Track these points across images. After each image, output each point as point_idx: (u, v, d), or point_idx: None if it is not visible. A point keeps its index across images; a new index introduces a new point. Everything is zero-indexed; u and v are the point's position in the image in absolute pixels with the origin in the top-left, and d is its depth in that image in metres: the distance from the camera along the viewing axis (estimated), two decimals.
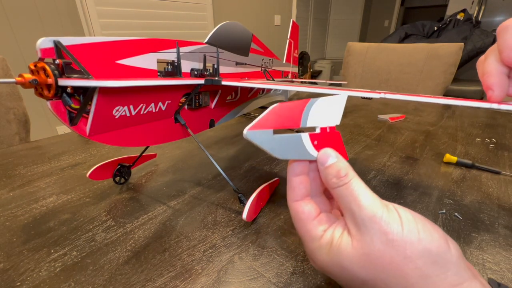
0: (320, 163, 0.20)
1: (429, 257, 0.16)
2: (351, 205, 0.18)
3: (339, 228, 0.19)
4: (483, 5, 2.72)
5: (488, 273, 0.26)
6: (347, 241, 0.18)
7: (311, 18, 3.87)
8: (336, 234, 0.19)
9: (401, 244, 0.16)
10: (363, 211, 0.17)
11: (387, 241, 0.16)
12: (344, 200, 0.18)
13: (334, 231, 0.19)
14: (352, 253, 0.17)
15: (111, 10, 1.77)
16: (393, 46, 1.24)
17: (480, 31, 2.09)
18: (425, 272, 0.16)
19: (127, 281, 0.26)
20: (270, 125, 0.19)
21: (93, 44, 0.26)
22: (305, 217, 0.20)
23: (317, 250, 0.19)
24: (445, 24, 2.28)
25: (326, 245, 0.19)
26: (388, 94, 0.25)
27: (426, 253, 0.16)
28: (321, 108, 0.21)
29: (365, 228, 0.17)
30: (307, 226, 0.20)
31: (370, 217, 0.17)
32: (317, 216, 0.20)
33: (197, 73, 0.36)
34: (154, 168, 0.48)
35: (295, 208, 0.21)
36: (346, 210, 0.18)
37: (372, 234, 0.17)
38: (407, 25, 2.40)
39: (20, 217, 0.36)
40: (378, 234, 0.17)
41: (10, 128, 0.74)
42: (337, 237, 0.19)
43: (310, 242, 0.20)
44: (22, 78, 0.24)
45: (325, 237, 0.19)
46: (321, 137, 0.21)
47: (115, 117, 0.29)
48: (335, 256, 0.18)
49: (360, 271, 0.17)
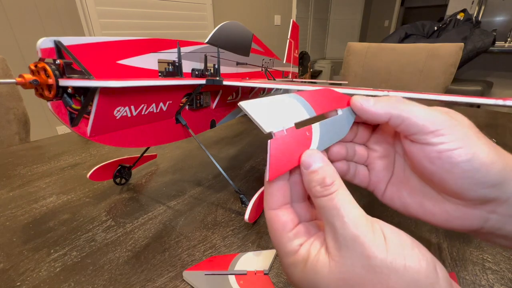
0: (303, 166, 0.18)
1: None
2: (334, 220, 0.16)
3: (316, 243, 0.17)
4: (483, 5, 2.72)
5: (488, 273, 0.26)
6: (324, 261, 0.16)
7: (311, 18, 3.87)
8: (312, 250, 0.17)
9: (384, 271, 0.14)
10: (346, 229, 0.15)
11: (369, 266, 0.15)
12: (326, 213, 0.16)
13: (311, 246, 0.17)
14: (329, 276, 0.16)
15: (111, 10, 1.77)
16: (393, 46, 1.24)
17: (480, 31, 2.09)
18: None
19: (127, 281, 0.26)
20: None
21: (94, 44, 0.26)
22: (281, 228, 0.18)
23: (291, 266, 0.17)
24: (445, 24, 2.28)
25: (301, 261, 0.17)
26: (392, 92, 0.25)
27: (412, 285, 0.14)
28: None
29: (346, 249, 0.15)
30: (281, 239, 0.18)
31: (353, 237, 0.15)
32: (294, 228, 0.18)
33: (198, 73, 0.36)
34: (154, 168, 0.48)
35: (270, 217, 0.18)
36: (328, 223, 0.16)
37: (353, 257, 0.15)
38: (407, 25, 2.40)
39: (20, 217, 0.36)
40: (359, 258, 0.15)
41: (10, 128, 0.74)
42: (314, 254, 0.17)
43: (284, 257, 0.18)
44: (22, 78, 0.24)
45: (300, 253, 0.17)
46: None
47: (116, 118, 0.29)
48: (310, 275, 0.16)
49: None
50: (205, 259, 0.28)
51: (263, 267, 0.26)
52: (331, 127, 0.20)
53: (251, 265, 0.27)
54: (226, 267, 0.26)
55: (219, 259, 0.27)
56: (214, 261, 0.27)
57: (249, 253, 0.28)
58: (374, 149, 0.23)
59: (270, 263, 0.27)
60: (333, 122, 0.21)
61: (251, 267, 0.26)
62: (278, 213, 0.18)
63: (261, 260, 0.27)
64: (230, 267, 0.26)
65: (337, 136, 0.21)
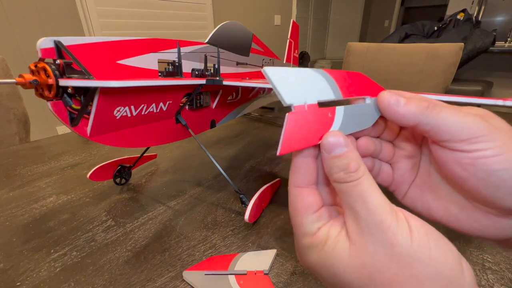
0: (325, 150, 0.16)
1: (439, 281, 0.14)
2: (357, 206, 0.16)
3: (336, 226, 0.17)
4: (483, 5, 2.72)
5: (488, 273, 0.26)
6: (344, 245, 0.16)
7: (311, 18, 3.87)
8: (332, 233, 0.17)
9: (408, 260, 0.14)
10: (370, 215, 0.15)
11: (392, 254, 0.14)
12: (348, 198, 0.16)
13: (330, 228, 0.17)
14: (348, 261, 0.15)
15: (111, 10, 1.77)
16: (393, 46, 1.25)
17: (480, 31, 2.09)
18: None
19: (127, 281, 0.26)
20: None
21: (94, 44, 0.26)
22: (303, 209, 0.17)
23: (307, 248, 0.17)
24: (445, 24, 2.28)
25: (318, 244, 0.16)
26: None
27: (436, 275, 0.14)
28: None
29: (369, 235, 0.15)
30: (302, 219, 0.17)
31: (377, 224, 0.15)
32: (317, 211, 0.18)
33: (198, 73, 0.36)
34: (154, 168, 0.48)
35: (294, 195, 0.18)
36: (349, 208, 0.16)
37: (376, 244, 0.15)
38: (407, 25, 2.40)
39: (20, 217, 0.36)
40: (382, 245, 0.14)
41: (10, 128, 0.74)
42: (333, 238, 0.16)
43: (301, 237, 0.17)
44: (22, 78, 0.24)
45: (319, 235, 0.17)
46: None
47: (116, 118, 0.29)
48: (327, 259, 0.16)
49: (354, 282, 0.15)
50: (205, 259, 0.28)
51: (263, 267, 0.26)
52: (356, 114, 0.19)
53: (251, 265, 0.27)
54: (226, 267, 0.26)
55: (219, 259, 0.28)
56: (214, 261, 0.27)
57: (249, 253, 0.28)
58: (402, 147, 0.22)
59: (270, 263, 0.27)
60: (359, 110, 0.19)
61: (251, 267, 0.26)
62: (302, 192, 0.17)
63: (261, 260, 0.27)
64: (230, 267, 0.26)
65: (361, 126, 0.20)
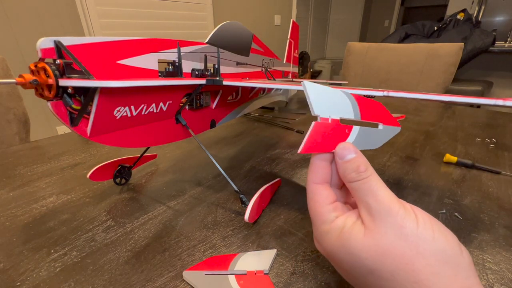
0: (338, 157, 0.20)
1: (442, 256, 0.16)
2: (368, 199, 0.18)
3: (352, 217, 0.20)
4: (483, 5, 2.72)
5: (488, 273, 0.26)
6: (360, 229, 0.18)
7: (311, 18, 3.87)
8: (348, 221, 0.19)
9: (415, 239, 0.16)
10: (380, 204, 0.18)
11: (401, 234, 0.17)
12: (360, 194, 0.19)
13: (347, 219, 0.20)
14: (363, 241, 0.18)
15: (111, 10, 1.77)
16: (393, 46, 1.24)
17: (480, 31, 2.09)
18: (437, 270, 0.16)
19: (127, 281, 0.26)
20: None
21: (94, 44, 0.26)
22: (322, 200, 0.20)
23: (326, 233, 0.20)
24: (445, 24, 2.28)
25: (336, 229, 0.19)
26: (392, 92, 0.25)
27: (439, 252, 0.16)
28: None
29: (380, 220, 0.17)
30: (321, 209, 0.20)
31: (387, 210, 0.17)
32: (333, 203, 0.21)
33: (198, 73, 0.36)
34: (154, 168, 0.48)
35: (313, 190, 0.21)
36: (362, 203, 0.19)
37: (387, 227, 0.17)
38: (407, 25, 2.40)
39: (20, 217, 0.36)
40: (393, 227, 0.17)
41: (10, 128, 0.74)
42: (349, 225, 0.19)
43: (321, 225, 0.20)
44: (22, 78, 0.24)
45: (336, 222, 0.20)
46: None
47: (116, 118, 0.29)
48: (345, 241, 0.18)
49: (369, 259, 0.17)
50: (205, 259, 0.28)
51: (263, 267, 0.26)
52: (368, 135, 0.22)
53: (251, 265, 0.27)
54: (226, 267, 0.26)
55: (219, 259, 0.28)
56: (214, 261, 0.27)
57: (249, 253, 0.28)
58: None
59: (270, 263, 0.27)
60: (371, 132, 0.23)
61: (251, 267, 0.26)
62: (319, 187, 0.21)
63: (261, 260, 0.27)
64: (230, 267, 0.26)
65: (369, 146, 0.23)
